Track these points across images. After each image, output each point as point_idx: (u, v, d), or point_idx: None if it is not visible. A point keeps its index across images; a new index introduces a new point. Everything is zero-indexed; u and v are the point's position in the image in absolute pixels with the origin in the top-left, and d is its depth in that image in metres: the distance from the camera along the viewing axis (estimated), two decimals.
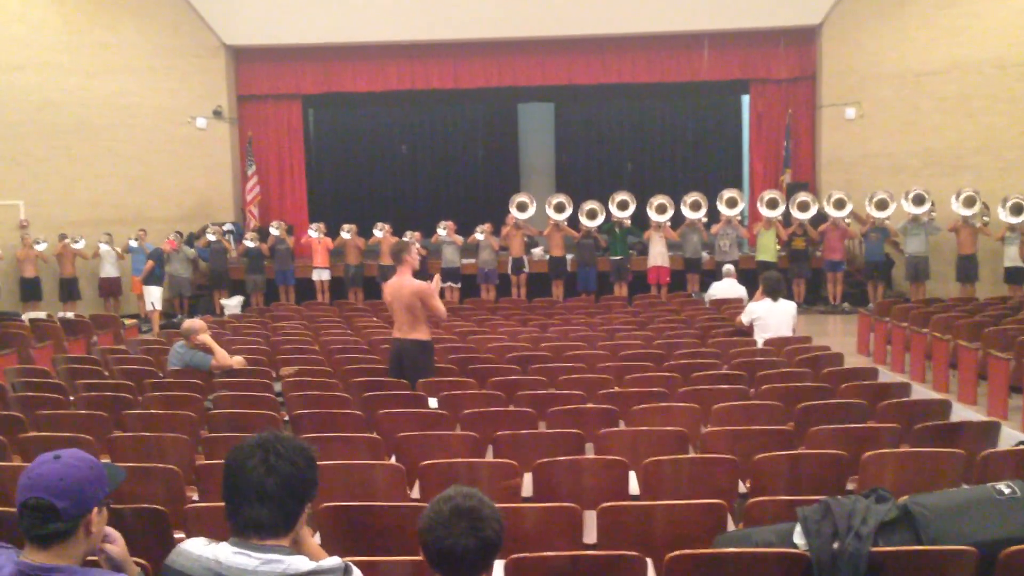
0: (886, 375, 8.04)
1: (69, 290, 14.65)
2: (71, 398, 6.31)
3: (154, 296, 13.48)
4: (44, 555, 2.14)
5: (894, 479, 3.96)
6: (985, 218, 13.40)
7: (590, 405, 5.52)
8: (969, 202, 13.07)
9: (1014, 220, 12.87)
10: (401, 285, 6.60)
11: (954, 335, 8.46)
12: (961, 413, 6.57)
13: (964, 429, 4.76)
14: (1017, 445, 4.42)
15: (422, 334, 6.65)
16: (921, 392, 7.40)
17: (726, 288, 10.75)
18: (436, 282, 6.77)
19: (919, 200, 13.30)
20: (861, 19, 15.12)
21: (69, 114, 15.16)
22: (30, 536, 2.14)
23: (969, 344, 8.07)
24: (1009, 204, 12.87)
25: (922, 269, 13.35)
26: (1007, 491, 3.05)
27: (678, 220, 14.37)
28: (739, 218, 14.45)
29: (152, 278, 13.49)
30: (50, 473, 2.16)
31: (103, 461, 2.40)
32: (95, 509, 2.22)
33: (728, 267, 11.25)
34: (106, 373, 7.47)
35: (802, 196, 14.08)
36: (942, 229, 13.43)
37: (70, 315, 12.61)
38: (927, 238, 13.36)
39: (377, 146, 19.33)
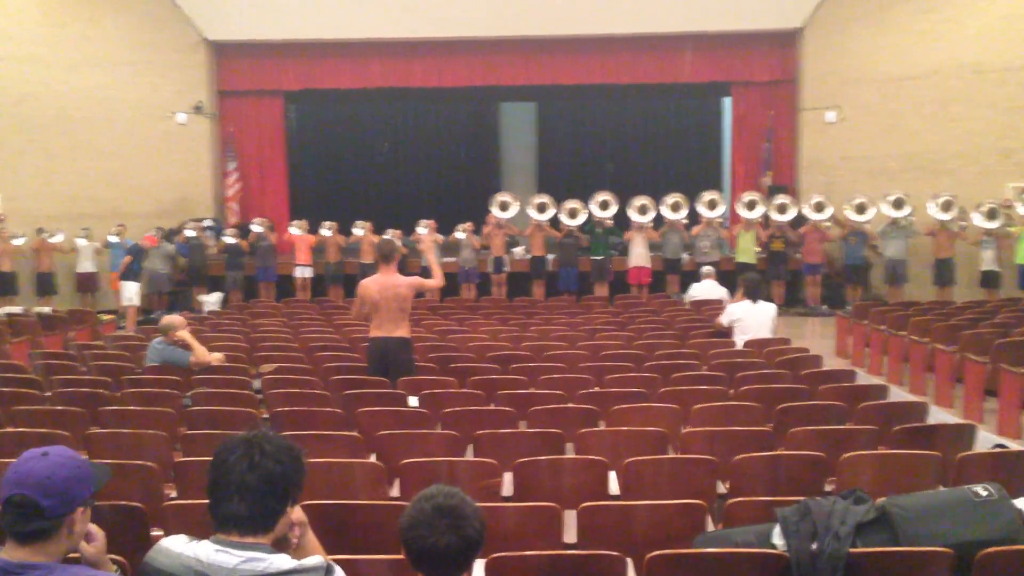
0: (864, 377, 8.10)
1: (46, 285, 14.48)
2: (47, 394, 6.25)
3: (132, 292, 13.36)
4: (24, 552, 2.12)
5: (872, 480, 4.00)
6: (962, 222, 13.51)
7: (570, 405, 5.53)
8: (946, 206, 13.17)
9: (989, 225, 12.99)
10: (393, 283, 6.54)
11: (931, 338, 8.53)
12: (937, 416, 6.61)
13: (940, 431, 4.80)
14: (994, 448, 4.46)
15: (406, 331, 6.66)
16: (898, 394, 7.45)
17: (706, 289, 10.79)
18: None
19: (898, 204, 13.38)
20: (842, 23, 15.21)
21: (48, 107, 15.00)
22: (11, 532, 2.12)
23: (946, 347, 8.15)
24: (984, 210, 12.99)
25: (900, 272, 13.44)
26: (983, 493, 3.08)
27: (660, 221, 14.41)
28: (720, 220, 14.50)
29: (130, 273, 13.35)
30: (37, 470, 2.14)
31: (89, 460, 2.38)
32: (79, 508, 2.20)
33: (708, 268, 11.28)
34: (83, 369, 7.41)
35: (781, 199, 14.16)
36: (920, 233, 13.54)
37: (46, 310, 12.45)
38: (906, 242, 13.46)
39: (358, 143, 19.21)
